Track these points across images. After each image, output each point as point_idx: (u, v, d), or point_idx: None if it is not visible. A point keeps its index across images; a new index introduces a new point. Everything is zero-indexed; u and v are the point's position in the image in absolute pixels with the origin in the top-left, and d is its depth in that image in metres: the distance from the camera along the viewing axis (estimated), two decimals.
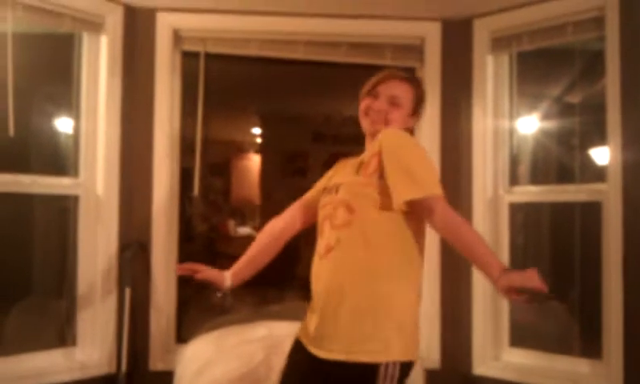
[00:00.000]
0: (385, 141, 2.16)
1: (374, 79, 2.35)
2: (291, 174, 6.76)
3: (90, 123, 3.48)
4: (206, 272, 2.37)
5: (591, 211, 3.25)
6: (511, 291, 1.79)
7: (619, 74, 3.09)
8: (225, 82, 4.50)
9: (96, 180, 3.46)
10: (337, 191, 2.23)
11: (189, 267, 2.38)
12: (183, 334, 3.61)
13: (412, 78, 2.40)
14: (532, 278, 1.77)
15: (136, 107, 3.53)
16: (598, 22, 3.20)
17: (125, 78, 3.50)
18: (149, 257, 3.50)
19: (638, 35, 3.00)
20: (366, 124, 2.34)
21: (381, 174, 2.11)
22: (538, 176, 3.75)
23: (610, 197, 3.12)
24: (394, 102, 2.29)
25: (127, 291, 3.41)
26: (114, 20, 3.47)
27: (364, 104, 2.34)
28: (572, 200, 3.37)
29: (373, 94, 2.32)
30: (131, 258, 3.44)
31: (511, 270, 1.82)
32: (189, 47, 3.66)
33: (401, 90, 2.31)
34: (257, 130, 7.72)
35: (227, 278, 2.40)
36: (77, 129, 3.51)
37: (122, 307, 3.43)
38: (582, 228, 3.35)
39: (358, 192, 2.16)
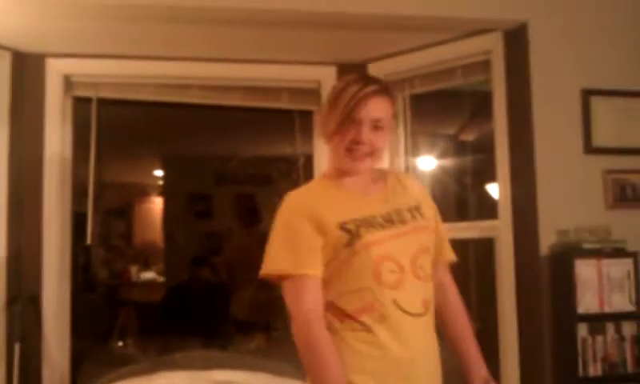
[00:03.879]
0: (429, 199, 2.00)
1: (347, 98, 1.79)
2: (195, 215, 6.70)
3: None
4: None
5: (486, 247, 3.34)
6: None
7: (506, 113, 3.21)
8: (124, 126, 4.43)
9: None
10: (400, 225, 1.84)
11: None
12: None
13: (387, 88, 1.88)
14: None
15: (25, 155, 3.41)
16: (486, 65, 3.32)
17: (13, 125, 3.38)
18: (39, 309, 3.36)
19: (522, 77, 3.13)
20: (348, 162, 1.84)
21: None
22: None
23: (502, 233, 3.21)
24: (377, 126, 1.81)
25: (17, 346, 3.26)
26: (2, 66, 3.35)
27: (348, 136, 1.80)
28: (467, 237, 3.44)
29: (352, 119, 1.79)
30: (20, 311, 3.29)
31: None
32: (80, 93, 3.57)
33: (382, 110, 1.82)
34: (159, 173, 7.63)
35: None
36: None
37: (11, 364, 3.27)
38: (478, 264, 3.42)
39: (431, 240, 1.92)
